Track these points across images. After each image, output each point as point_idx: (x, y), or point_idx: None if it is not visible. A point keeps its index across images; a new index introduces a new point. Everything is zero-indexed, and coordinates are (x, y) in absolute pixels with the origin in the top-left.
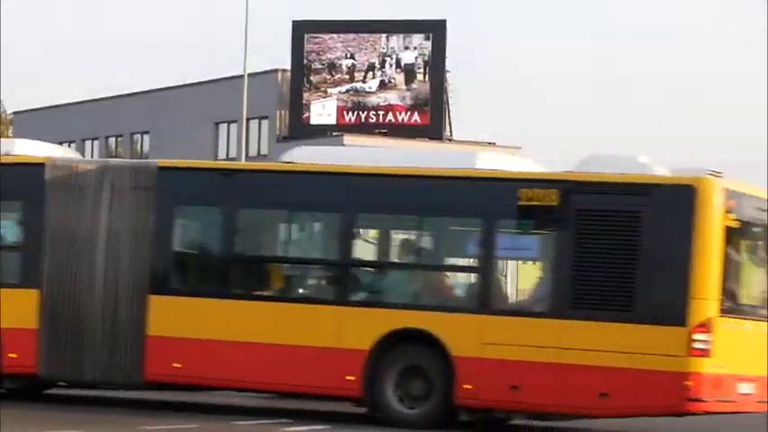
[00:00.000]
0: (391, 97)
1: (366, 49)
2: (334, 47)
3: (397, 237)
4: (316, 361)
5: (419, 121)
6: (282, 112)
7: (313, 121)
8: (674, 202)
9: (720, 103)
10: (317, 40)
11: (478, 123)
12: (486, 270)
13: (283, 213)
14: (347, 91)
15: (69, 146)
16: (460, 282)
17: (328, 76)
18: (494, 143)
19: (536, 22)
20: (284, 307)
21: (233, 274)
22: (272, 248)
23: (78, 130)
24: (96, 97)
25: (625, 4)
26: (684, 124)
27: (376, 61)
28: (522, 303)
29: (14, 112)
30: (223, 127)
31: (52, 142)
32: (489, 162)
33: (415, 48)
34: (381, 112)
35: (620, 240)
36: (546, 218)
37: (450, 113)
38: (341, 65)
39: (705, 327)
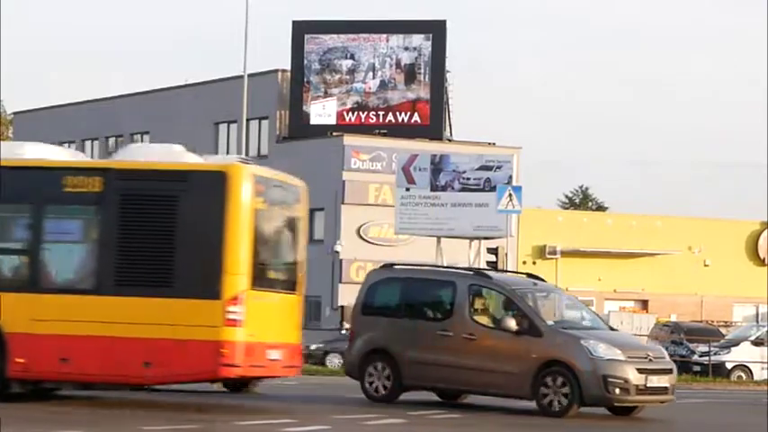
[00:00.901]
0: (391, 97)
1: (366, 49)
2: (335, 47)
3: None
4: None
5: (419, 121)
6: (282, 112)
7: (313, 122)
8: (207, 187)
9: (720, 102)
10: (317, 40)
11: (478, 123)
12: (36, 252)
13: None
14: (347, 91)
15: (69, 146)
16: (12, 264)
17: (328, 77)
18: (494, 143)
19: (536, 23)
20: None
21: None
22: None
23: (78, 131)
24: (96, 98)
25: (625, 4)
26: (684, 124)
27: (376, 61)
28: (69, 282)
29: (14, 112)
30: (223, 127)
31: (52, 142)
32: (36, 152)
33: (415, 48)
34: (381, 113)
35: (160, 222)
36: (91, 203)
37: (451, 113)
38: (341, 65)
39: (237, 299)
